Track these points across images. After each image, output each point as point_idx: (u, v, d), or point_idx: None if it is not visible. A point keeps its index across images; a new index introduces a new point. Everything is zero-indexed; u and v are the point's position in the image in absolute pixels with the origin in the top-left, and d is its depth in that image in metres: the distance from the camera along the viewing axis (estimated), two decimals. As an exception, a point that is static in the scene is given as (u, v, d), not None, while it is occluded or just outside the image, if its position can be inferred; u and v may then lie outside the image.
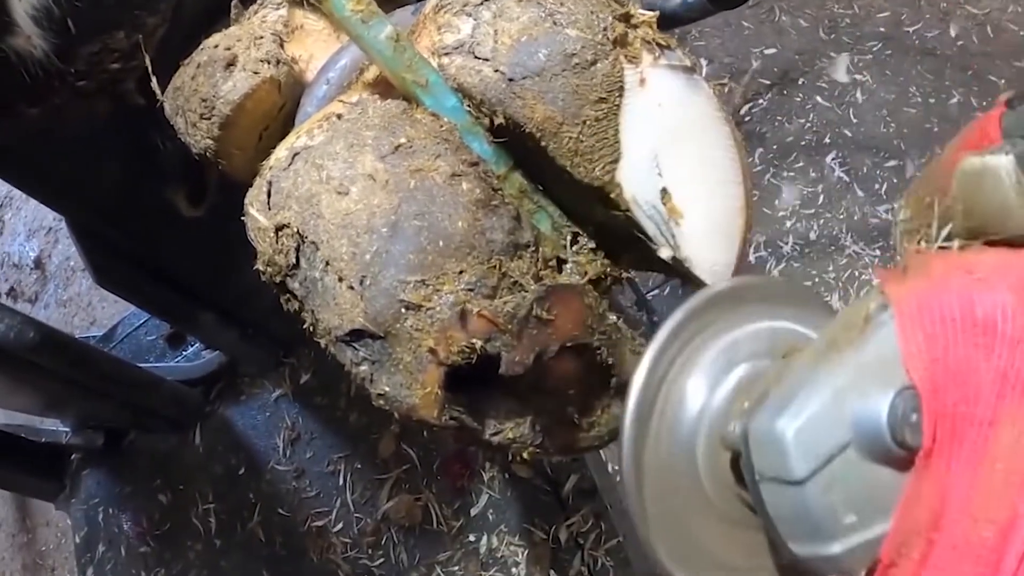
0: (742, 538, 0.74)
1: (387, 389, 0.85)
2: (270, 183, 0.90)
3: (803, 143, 2.97)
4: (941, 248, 0.67)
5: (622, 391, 0.93)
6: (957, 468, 0.57)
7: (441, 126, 0.89)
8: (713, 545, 0.74)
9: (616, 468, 2.89)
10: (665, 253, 0.91)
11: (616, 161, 0.88)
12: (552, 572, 2.06)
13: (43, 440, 2.40)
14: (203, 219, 1.77)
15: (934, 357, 0.57)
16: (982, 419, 0.56)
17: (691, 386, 0.73)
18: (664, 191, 0.89)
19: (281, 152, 0.92)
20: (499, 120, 0.89)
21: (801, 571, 0.65)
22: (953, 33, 3.14)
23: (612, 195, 0.89)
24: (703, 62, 3.07)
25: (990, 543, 0.56)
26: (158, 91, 1.13)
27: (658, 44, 0.89)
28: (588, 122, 0.86)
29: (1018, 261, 0.61)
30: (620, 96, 0.87)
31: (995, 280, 0.59)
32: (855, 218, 2.89)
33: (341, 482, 2.28)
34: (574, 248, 0.96)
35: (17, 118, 1.35)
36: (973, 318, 0.57)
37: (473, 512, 2.17)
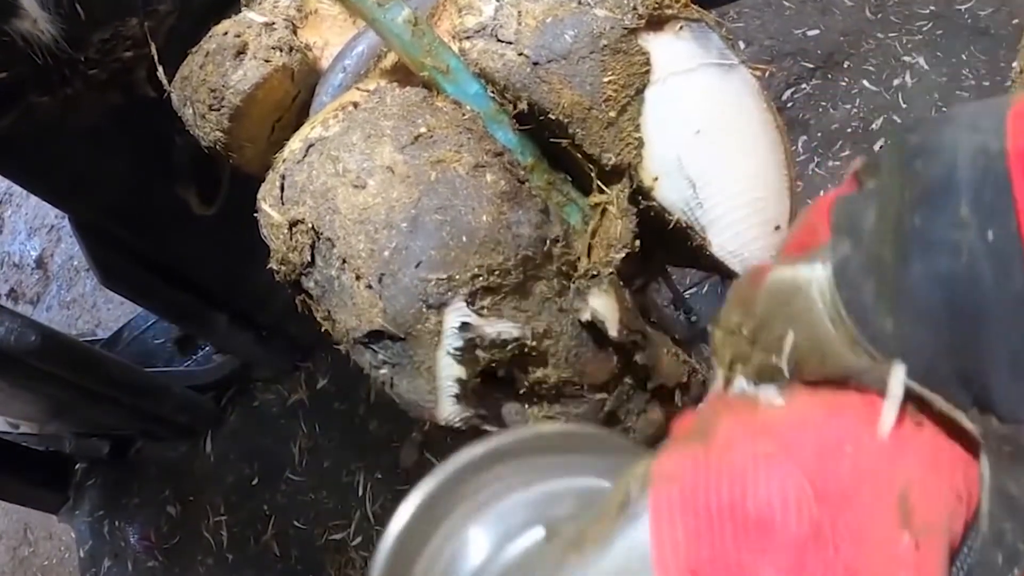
0: None
1: (408, 393, 0.85)
2: (283, 177, 0.90)
3: (849, 130, 2.95)
4: (747, 390, 0.54)
5: (658, 394, 0.93)
6: None
7: (463, 114, 0.89)
8: None
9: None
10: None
11: (642, 147, 0.88)
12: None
13: (46, 449, 2.42)
14: (216, 216, 1.77)
15: (696, 560, 0.45)
16: None
17: (474, 537, 0.61)
18: (692, 180, 0.89)
19: (295, 144, 0.92)
20: (523, 106, 0.89)
21: None
22: (1008, 11, 3.11)
23: (642, 184, 0.88)
24: (741, 44, 3.06)
25: None
26: (165, 81, 1.13)
27: (692, 22, 0.89)
28: (616, 107, 0.86)
29: (823, 425, 0.49)
30: (649, 79, 0.86)
31: (785, 457, 0.47)
32: (905, 209, 2.87)
33: (360, 493, 2.28)
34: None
35: (27, 108, 1.36)
36: (744, 512, 0.45)
37: (499, 524, 2.16)
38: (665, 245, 0.95)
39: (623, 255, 0.90)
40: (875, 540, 0.46)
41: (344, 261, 0.83)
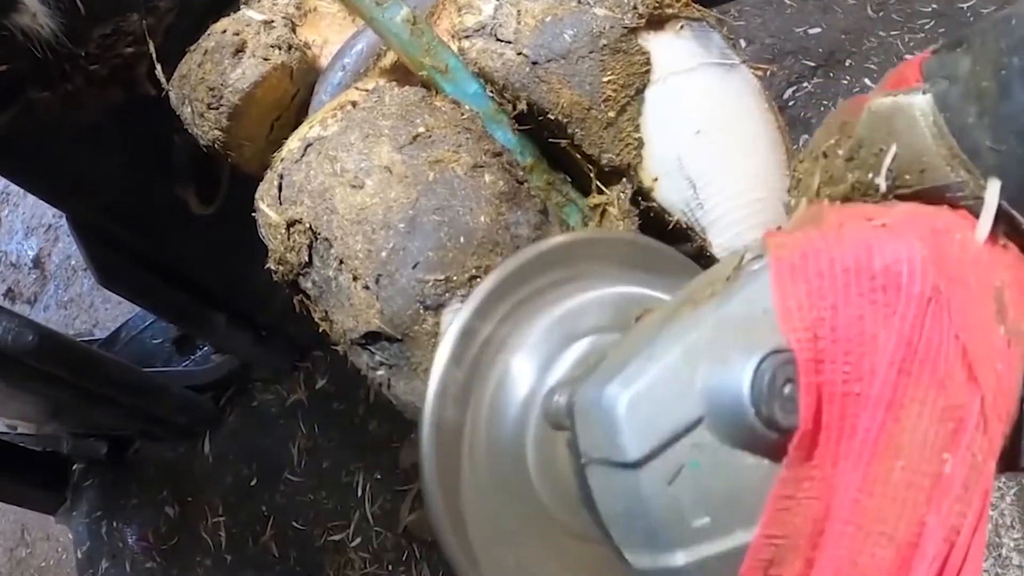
0: (596, 556, 0.62)
1: (405, 395, 0.85)
2: (281, 176, 0.90)
3: (852, 129, 2.95)
4: (840, 201, 0.57)
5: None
6: (845, 463, 0.47)
7: (462, 114, 0.89)
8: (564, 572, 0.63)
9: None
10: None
11: (642, 147, 0.87)
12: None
13: (43, 449, 2.42)
14: (215, 215, 1.77)
15: (818, 316, 0.47)
16: (879, 400, 0.46)
17: (516, 367, 0.62)
18: (692, 180, 0.88)
19: (293, 143, 0.92)
20: (522, 106, 0.89)
21: None
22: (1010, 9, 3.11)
23: (642, 185, 0.88)
24: (742, 43, 3.05)
25: (885, 565, 0.46)
26: (163, 79, 1.13)
27: (693, 21, 0.89)
28: (616, 107, 0.86)
29: (933, 212, 0.52)
30: (649, 79, 0.86)
31: (902, 228, 0.50)
32: (908, 209, 2.87)
33: (360, 494, 2.28)
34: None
35: (27, 104, 1.36)
36: (871, 269, 0.47)
37: (500, 525, 2.16)
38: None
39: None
40: (979, 321, 0.48)
41: (341, 262, 0.83)
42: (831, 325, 0.46)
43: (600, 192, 0.91)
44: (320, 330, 0.91)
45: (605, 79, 0.85)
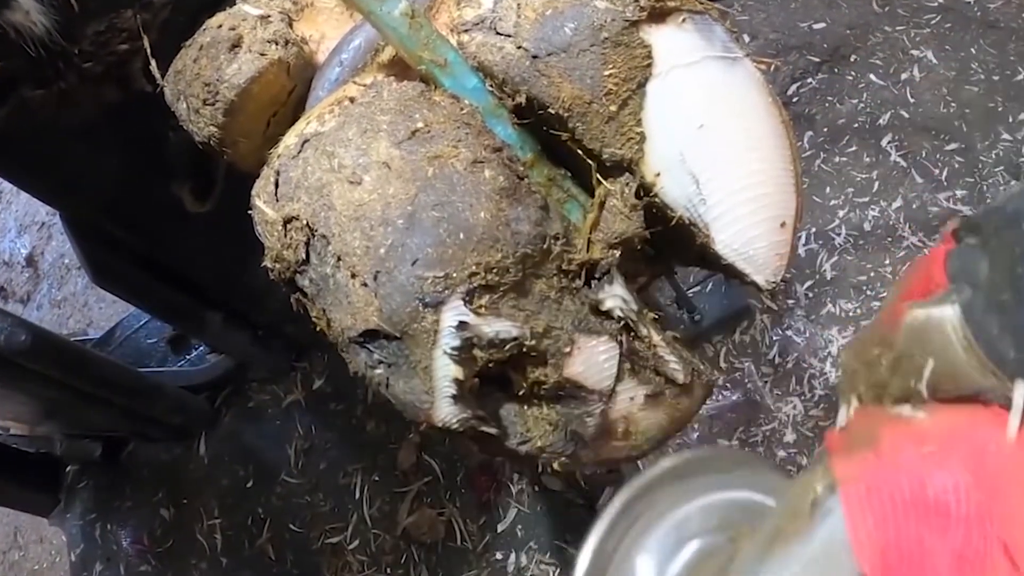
0: None
1: (404, 394, 0.85)
2: (278, 173, 0.90)
3: (856, 125, 2.95)
4: (889, 409, 0.66)
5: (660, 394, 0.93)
6: None
7: (461, 109, 0.89)
8: None
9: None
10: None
11: (644, 142, 0.87)
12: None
13: (36, 451, 2.42)
14: (211, 213, 1.77)
15: (885, 542, 0.57)
16: None
17: (640, 564, 0.74)
18: (695, 175, 0.88)
19: (290, 139, 0.92)
20: (522, 100, 0.88)
21: None
22: (1018, 2, 3.10)
23: (644, 180, 0.88)
24: (746, 38, 3.05)
25: None
26: (158, 75, 1.13)
27: (696, 14, 0.89)
28: (617, 101, 0.86)
29: (969, 430, 0.61)
30: (651, 72, 0.86)
31: (946, 455, 0.59)
32: (914, 206, 2.86)
33: (357, 495, 2.28)
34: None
35: (20, 102, 1.36)
36: (924, 499, 0.57)
37: (500, 528, 2.17)
38: (668, 242, 0.95)
39: (629, 247, 0.91)
40: (1017, 516, 0.56)
41: (339, 259, 0.83)
42: (896, 548, 0.57)
43: (601, 185, 0.91)
44: (317, 329, 0.91)
45: (606, 73, 0.85)
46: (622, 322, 0.89)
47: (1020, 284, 0.59)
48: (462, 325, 0.80)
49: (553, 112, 0.87)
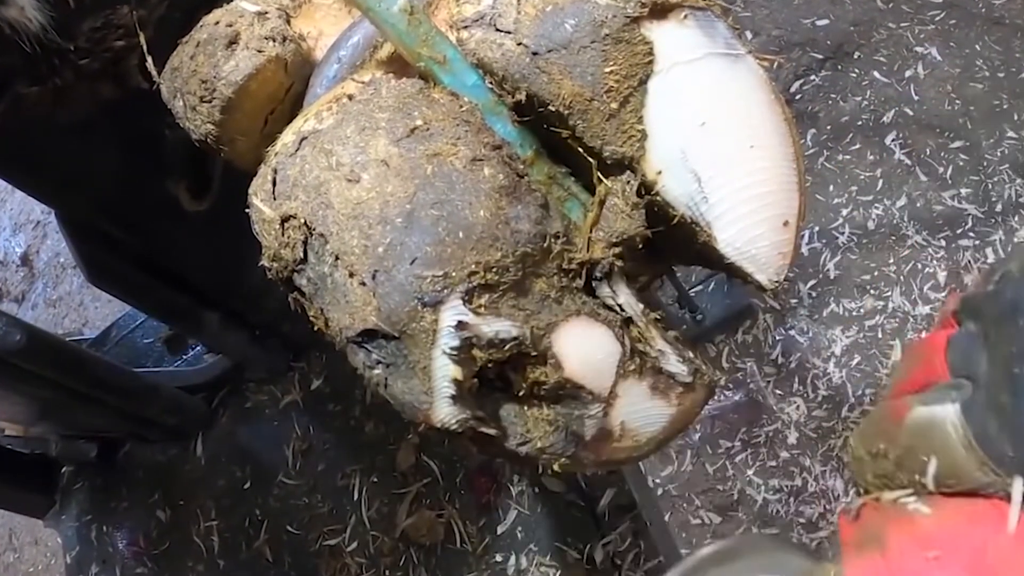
0: None
1: (403, 395, 0.85)
2: (275, 171, 0.90)
3: (860, 123, 2.95)
4: (896, 502, 0.70)
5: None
6: None
7: (461, 106, 0.89)
8: None
9: (657, 482, 2.89)
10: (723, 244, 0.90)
11: (645, 140, 0.87)
12: (586, 595, 2.06)
13: (31, 452, 2.42)
14: (208, 212, 1.77)
15: None
16: None
17: None
18: (697, 174, 0.88)
19: (287, 137, 0.92)
20: (522, 98, 0.88)
21: None
22: (1023, -1, 3.10)
23: (645, 178, 0.88)
24: (749, 35, 3.05)
25: None
26: (154, 72, 1.13)
27: (697, 10, 0.88)
28: (618, 99, 0.86)
29: (970, 529, 0.64)
30: (652, 69, 0.86)
31: (949, 560, 0.62)
32: (917, 205, 2.87)
33: (356, 497, 2.28)
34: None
35: (15, 99, 1.36)
36: None
37: (500, 530, 2.17)
38: (669, 241, 0.95)
39: (631, 246, 0.90)
40: None
41: (337, 257, 0.83)
42: None
43: (601, 183, 0.91)
44: (315, 329, 0.91)
45: (607, 70, 0.85)
46: (623, 322, 0.89)
47: (1018, 385, 0.63)
48: (461, 325, 0.80)
49: (553, 109, 0.87)
